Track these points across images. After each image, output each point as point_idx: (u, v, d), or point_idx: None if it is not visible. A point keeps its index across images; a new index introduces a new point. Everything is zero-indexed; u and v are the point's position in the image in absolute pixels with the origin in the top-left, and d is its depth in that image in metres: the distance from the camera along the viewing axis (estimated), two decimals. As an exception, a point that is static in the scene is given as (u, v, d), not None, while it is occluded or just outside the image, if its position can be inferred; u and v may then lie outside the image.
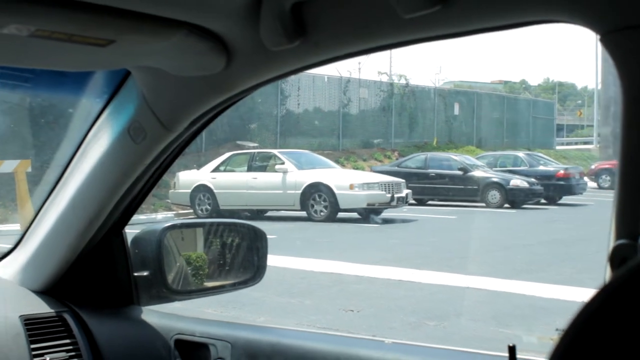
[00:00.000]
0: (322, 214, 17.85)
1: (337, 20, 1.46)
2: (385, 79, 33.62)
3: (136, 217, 2.34)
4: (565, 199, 24.67)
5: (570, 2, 1.18)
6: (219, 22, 1.55)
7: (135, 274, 2.25)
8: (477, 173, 23.63)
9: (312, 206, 18.04)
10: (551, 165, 26.95)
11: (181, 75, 1.78)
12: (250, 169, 19.57)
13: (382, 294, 9.28)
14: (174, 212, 19.85)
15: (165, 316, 2.23)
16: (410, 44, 1.45)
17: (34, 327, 2.10)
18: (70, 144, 2.26)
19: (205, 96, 1.82)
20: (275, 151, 19.98)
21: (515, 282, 9.79)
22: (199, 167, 21.37)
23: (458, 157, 25.25)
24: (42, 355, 2.07)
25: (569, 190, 25.01)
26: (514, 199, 22.63)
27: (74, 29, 1.44)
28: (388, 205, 18.14)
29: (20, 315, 2.11)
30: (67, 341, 2.14)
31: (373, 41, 1.46)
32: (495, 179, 23.14)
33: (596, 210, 22.37)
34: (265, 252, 2.41)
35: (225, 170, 19.72)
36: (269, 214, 18.90)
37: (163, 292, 2.26)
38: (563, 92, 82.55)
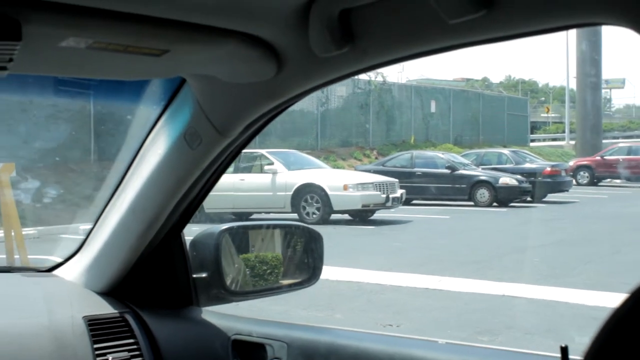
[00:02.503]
0: (314, 216, 17.15)
1: (384, 27, 1.47)
2: (362, 76, 33.04)
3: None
4: (550, 197, 24.33)
5: (618, 4, 1.18)
6: (269, 30, 1.59)
7: (194, 275, 2.29)
8: (465, 171, 23.15)
9: (304, 208, 17.35)
10: (536, 163, 26.58)
11: (234, 82, 1.81)
12: (236, 170, 18.80)
13: (414, 305, 8.65)
14: (157, 217, 19.02)
15: (223, 317, 2.26)
16: (455, 48, 1.46)
17: (97, 327, 2.15)
18: (129, 150, 2.29)
19: (257, 102, 1.85)
20: (262, 151, 19.18)
21: (548, 288, 9.23)
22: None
23: (444, 156, 24.75)
24: (104, 354, 2.11)
25: (556, 187, 24.69)
26: (503, 197, 22.20)
27: (129, 40, 1.49)
28: (383, 206, 17.52)
29: (84, 316, 2.16)
30: (129, 341, 2.18)
31: (419, 47, 1.48)
32: (484, 178, 22.68)
33: (585, 207, 22.07)
34: (321, 253, 2.42)
35: (210, 172, 18.95)
36: (255, 216, 18.14)
37: (221, 293, 2.28)
38: (525, 90, 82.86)
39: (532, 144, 43.10)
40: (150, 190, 2.16)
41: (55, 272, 2.47)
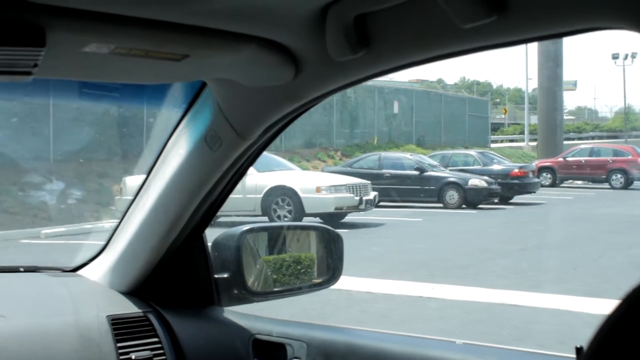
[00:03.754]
0: (285, 219, 16.61)
1: (398, 32, 1.49)
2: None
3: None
4: (517, 198, 24.20)
5: (632, 9, 1.19)
6: (286, 35, 1.62)
7: (216, 275, 2.31)
8: (434, 173, 22.85)
9: (275, 211, 16.81)
10: (504, 164, 26.41)
11: (253, 86, 1.85)
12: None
13: (412, 315, 8.21)
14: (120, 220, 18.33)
15: (244, 317, 2.29)
16: (469, 52, 1.48)
17: (121, 326, 2.18)
18: (151, 152, 2.33)
19: (276, 105, 1.88)
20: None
21: (547, 295, 8.88)
22: (140, 170, 19.89)
23: (412, 157, 24.44)
24: (127, 353, 2.13)
25: (524, 188, 24.55)
26: (472, 199, 21.95)
27: (150, 46, 1.52)
28: (356, 208, 17.06)
29: (108, 315, 2.19)
30: (152, 340, 2.20)
31: (433, 51, 1.50)
32: (453, 179, 22.41)
33: (554, 209, 21.98)
34: (342, 254, 2.44)
35: (177, 174, 18.32)
36: (223, 219, 17.54)
37: (242, 293, 2.30)
38: (479, 91, 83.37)
39: (492, 145, 43.10)
40: (172, 191, 2.19)
41: (80, 272, 2.51)
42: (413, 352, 1.92)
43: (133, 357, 2.14)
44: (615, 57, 55.98)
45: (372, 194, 17.71)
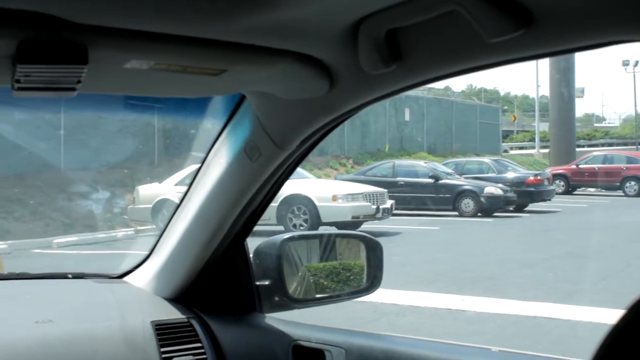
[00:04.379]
0: (301, 228, 16.34)
1: (429, 46, 1.52)
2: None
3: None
4: (531, 206, 23.90)
5: None
6: (321, 49, 1.66)
7: (257, 283, 2.35)
8: (448, 181, 22.57)
9: (291, 220, 16.55)
10: (519, 172, 26.09)
11: (290, 98, 1.88)
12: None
13: (443, 329, 7.94)
14: (133, 229, 18.07)
15: (284, 323, 2.31)
16: (496, 66, 1.52)
17: (165, 332, 2.23)
18: (194, 162, 2.70)
19: (312, 117, 1.92)
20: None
21: (580, 308, 8.62)
22: (152, 179, 19.66)
23: (427, 165, 24.16)
24: (171, 358, 2.19)
25: (539, 196, 24.24)
26: (488, 207, 21.66)
27: (188, 62, 1.58)
28: (373, 217, 16.78)
29: (152, 321, 2.25)
30: (194, 345, 2.25)
31: (461, 64, 1.53)
32: (468, 187, 22.13)
33: (571, 217, 21.64)
34: (381, 262, 2.46)
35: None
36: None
37: (283, 300, 2.34)
38: (487, 98, 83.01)
39: (504, 153, 42.78)
40: (214, 200, 2.24)
41: (126, 278, 2.57)
42: (450, 359, 1.95)
43: None
44: (625, 64, 55.63)
45: (389, 203, 17.45)
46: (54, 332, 2.14)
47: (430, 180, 22.35)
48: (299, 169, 17.03)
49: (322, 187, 17.33)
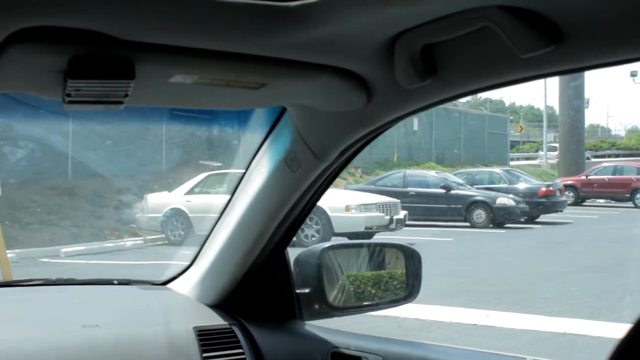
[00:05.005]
0: (313, 239, 16.04)
1: (463, 61, 1.56)
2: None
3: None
4: (542, 217, 23.59)
5: None
6: (358, 64, 1.70)
7: (297, 290, 2.39)
8: (460, 191, 22.28)
9: (303, 230, 16.22)
10: (530, 182, 25.77)
11: (329, 111, 1.94)
12: (229, 190, 17.67)
13: (472, 346, 7.62)
14: (142, 238, 17.80)
15: (323, 330, 2.34)
16: (528, 80, 1.55)
17: (206, 338, 2.28)
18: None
19: (350, 129, 1.97)
20: (257, 170, 18.07)
21: (610, 324, 8.31)
22: (160, 188, 19.41)
23: (438, 175, 23.88)
24: None
25: (551, 207, 23.91)
26: (500, 218, 21.37)
27: (230, 76, 1.65)
28: (387, 228, 16.51)
29: (195, 327, 2.30)
30: (235, 351, 2.29)
31: (494, 79, 1.58)
32: (480, 198, 21.86)
33: (585, 229, 21.36)
34: (419, 271, 2.49)
35: (201, 192, 17.75)
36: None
37: (322, 308, 2.36)
38: (492, 108, 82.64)
39: (512, 163, 42.51)
40: (255, 209, 2.29)
41: (169, 285, 2.62)
42: None
43: None
44: (633, 74, 55.26)
45: (402, 213, 17.19)
46: (101, 336, 2.21)
47: (442, 191, 22.06)
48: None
49: (334, 197, 17.02)
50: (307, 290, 2.37)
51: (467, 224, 21.53)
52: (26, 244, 15.63)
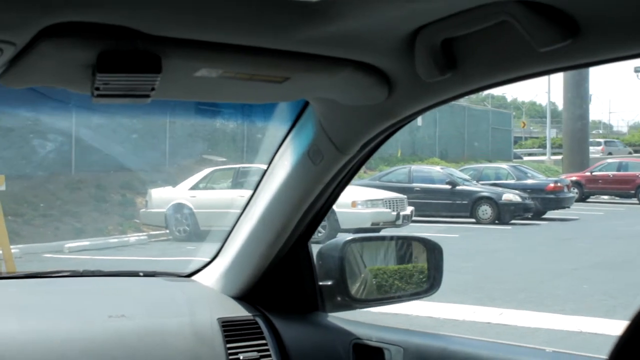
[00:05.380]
0: (319, 235, 15.85)
1: (482, 55, 1.59)
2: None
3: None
4: (548, 214, 23.42)
5: None
6: (379, 58, 1.73)
7: (320, 283, 2.41)
8: (466, 187, 22.14)
9: (309, 226, 16.11)
10: (538, 178, 25.58)
11: (351, 105, 1.96)
12: (235, 185, 17.54)
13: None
14: (146, 234, 17.66)
15: (345, 322, 2.38)
16: (547, 74, 1.58)
17: (230, 329, 2.33)
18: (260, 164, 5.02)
19: (372, 123, 1.99)
20: (263, 166, 17.86)
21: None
22: (164, 183, 19.27)
23: (443, 170, 23.72)
24: (236, 353, 2.28)
25: (560, 203, 23.69)
26: (506, 214, 21.22)
27: (254, 70, 1.67)
28: (393, 224, 16.38)
29: (219, 318, 2.35)
30: (259, 342, 2.33)
31: (513, 72, 1.61)
32: (486, 194, 21.72)
33: (591, 225, 21.22)
34: (441, 265, 2.51)
35: (205, 188, 17.61)
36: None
37: (345, 300, 2.40)
38: (494, 104, 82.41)
39: (515, 159, 42.33)
40: (278, 202, 2.31)
41: (194, 277, 2.65)
42: (505, 358, 1.99)
43: (241, 357, 2.29)
44: (637, 70, 55.05)
45: (409, 209, 17.07)
46: (127, 326, 2.25)
47: (447, 187, 21.92)
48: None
49: (340, 193, 16.92)
50: (329, 283, 2.40)
51: (473, 220, 21.38)
52: (30, 239, 15.51)
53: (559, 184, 24.25)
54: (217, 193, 17.42)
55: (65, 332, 2.16)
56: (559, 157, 42.24)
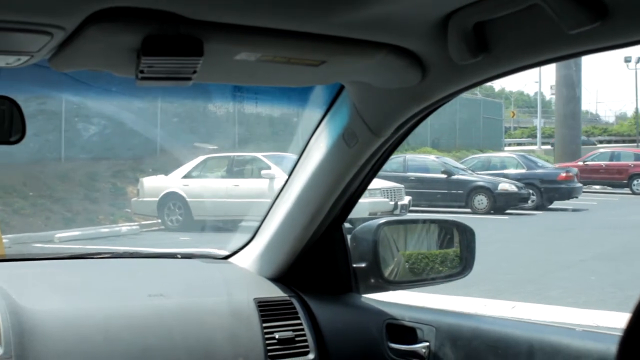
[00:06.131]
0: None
1: (513, 37, 1.63)
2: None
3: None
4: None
5: None
6: (413, 42, 1.76)
7: (354, 265, 2.46)
8: (461, 176, 21.89)
9: (305, 216, 15.84)
10: (548, 168, 25.14)
11: (385, 88, 2.00)
12: (229, 174, 17.21)
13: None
14: (137, 224, 17.33)
15: (378, 303, 2.43)
16: (576, 56, 1.62)
17: (266, 309, 2.40)
18: (295, 148, 2.66)
19: (406, 105, 2.04)
20: (258, 155, 17.55)
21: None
22: (155, 171, 18.95)
23: (438, 160, 23.46)
24: (272, 332, 2.35)
25: (571, 193, 23.31)
26: (502, 204, 21.00)
27: (291, 54, 1.71)
28: (391, 213, 16.12)
29: (255, 298, 2.42)
30: (294, 322, 2.41)
31: (544, 55, 1.64)
32: (482, 183, 21.50)
33: (588, 215, 21.10)
34: (473, 248, 2.54)
35: (199, 177, 17.29)
36: (244, 224, 16.50)
37: (378, 282, 2.44)
38: (482, 94, 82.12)
39: (506, 149, 42.20)
40: (313, 184, 2.37)
41: (231, 259, 2.70)
42: (535, 337, 2.00)
43: (277, 336, 2.35)
44: (627, 60, 54.98)
45: (407, 199, 16.84)
46: (166, 304, 2.33)
47: (443, 176, 21.66)
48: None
49: (337, 182, 16.66)
50: (363, 265, 2.44)
51: (468, 209, 21.15)
52: (19, 229, 15.16)
53: (570, 174, 23.82)
54: (211, 182, 17.10)
55: (107, 310, 2.25)
56: (549, 147, 42.15)
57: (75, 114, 19.58)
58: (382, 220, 2.48)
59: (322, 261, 2.53)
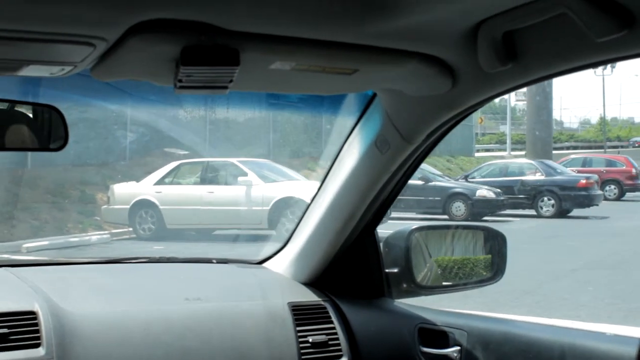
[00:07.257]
0: (294, 233, 15.13)
1: (541, 46, 1.66)
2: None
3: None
4: (515, 211, 22.76)
5: None
6: (444, 50, 1.80)
7: (387, 270, 2.52)
8: (439, 183, 21.53)
9: (284, 224, 15.28)
10: (569, 174, 24.32)
11: (416, 95, 2.05)
12: (203, 181, 16.64)
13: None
14: (108, 232, 16.66)
15: (411, 307, 2.48)
16: (603, 64, 1.67)
17: (300, 313, 2.46)
18: (328, 155, 2.67)
19: (437, 113, 2.09)
20: (233, 160, 16.98)
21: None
22: (124, 177, 18.30)
23: (414, 166, 23.05)
24: (305, 336, 2.41)
25: (591, 200, 22.53)
26: (479, 211, 20.65)
27: (325, 63, 1.77)
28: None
29: (289, 302, 2.48)
30: (327, 326, 2.46)
31: (571, 63, 1.68)
32: (459, 190, 21.22)
33: (565, 222, 20.81)
34: (505, 253, 2.59)
35: (172, 183, 16.68)
36: (218, 232, 15.95)
37: (411, 287, 2.49)
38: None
39: (477, 154, 42.11)
40: (346, 191, 2.43)
41: (265, 264, 2.78)
42: (565, 341, 2.06)
43: (310, 340, 2.43)
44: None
45: (387, 206, 16.34)
46: (203, 308, 2.39)
47: (420, 182, 21.27)
48: (287, 170, 15.65)
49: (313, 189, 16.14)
50: (395, 270, 2.50)
51: (446, 216, 20.80)
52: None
53: (590, 180, 22.99)
54: (185, 188, 16.52)
55: (147, 313, 2.30)
56: (519, 152, 42.09)
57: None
58: (414, 226, 2.54)
59: (355, 266, 2.59)
